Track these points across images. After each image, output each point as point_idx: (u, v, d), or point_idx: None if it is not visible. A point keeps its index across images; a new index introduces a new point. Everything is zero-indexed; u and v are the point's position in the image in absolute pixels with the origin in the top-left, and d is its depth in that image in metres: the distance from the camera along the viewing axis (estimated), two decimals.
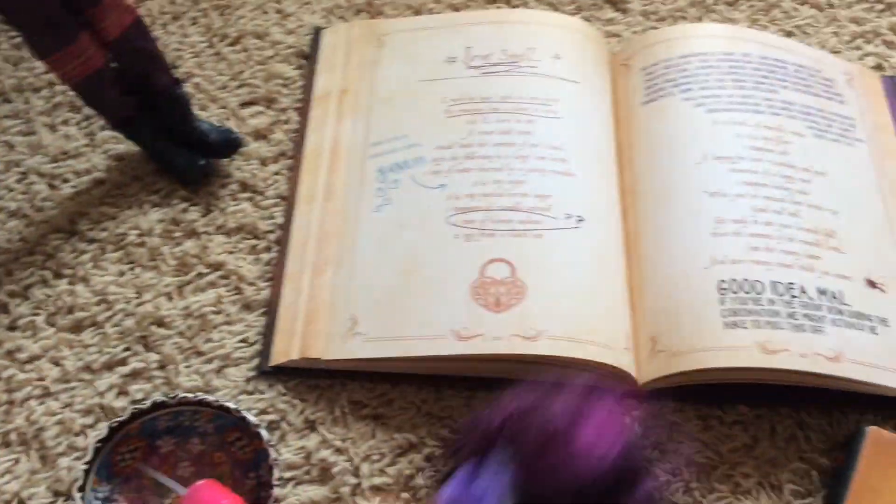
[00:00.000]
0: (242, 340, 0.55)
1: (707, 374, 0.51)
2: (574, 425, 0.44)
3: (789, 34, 0.73)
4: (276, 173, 0.62)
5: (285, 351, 0.54)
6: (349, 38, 0.69)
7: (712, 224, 0.56)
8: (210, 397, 0.49)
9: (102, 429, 0.48)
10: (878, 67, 0.71)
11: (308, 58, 0.69)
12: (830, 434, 0.52)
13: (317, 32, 0.70)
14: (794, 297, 0.53)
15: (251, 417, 0.48)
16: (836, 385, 0.52)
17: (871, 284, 0.55)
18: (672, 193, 0.58)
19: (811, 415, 0.53)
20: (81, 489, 0.46)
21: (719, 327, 0.52)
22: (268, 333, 0.55)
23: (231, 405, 0.49)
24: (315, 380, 0.53)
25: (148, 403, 0.48)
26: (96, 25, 0.55)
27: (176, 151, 0.60)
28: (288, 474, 0.50)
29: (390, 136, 0.62)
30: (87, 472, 0.46)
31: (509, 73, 0.64)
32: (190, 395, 0.49)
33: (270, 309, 0.56)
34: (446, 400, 0.53)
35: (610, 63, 0.68)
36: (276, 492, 0.46)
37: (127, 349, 0.54)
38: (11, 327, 0.55)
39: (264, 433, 0.48)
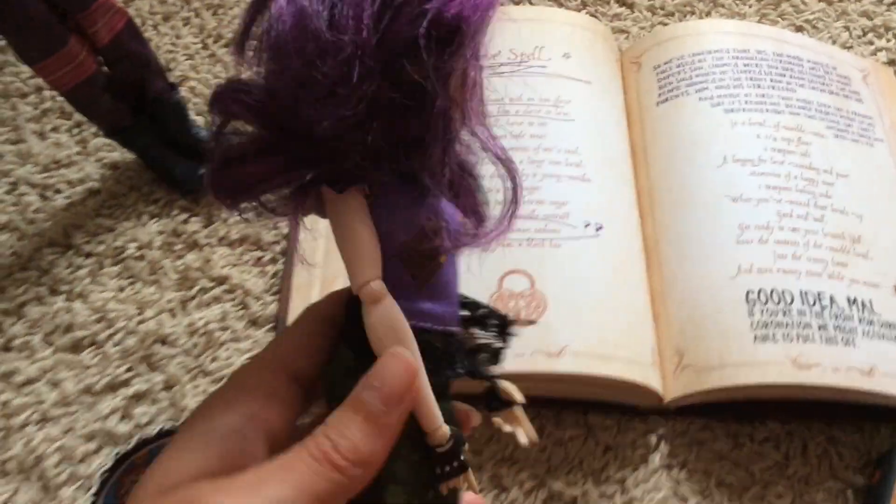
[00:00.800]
0: (251, 359, 0.52)
1: (737, 391, 0.49)
2: None
3: (799, 29, 0.71)
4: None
5: None
6: None
7: (736, 230, 0.54)
8: None
9: (107, 458, 0.45)
10: (892, 63, 0.69)
11: None
12: (864, 450, 0.51)
13: None
14: (824, 307, 0.51)
15: None
16: (869, 399, 0.50)
17: None
18: (692, 198, 0.56)
19: (844, 430, 0.51)
20: None
21: (749, 341, 0.50)
22: None
23: None
24: None
25: (154, 431, 0.46)
26: (86, 30, 0.52)
27: (174, 160, 0.57)
28: None
29: None
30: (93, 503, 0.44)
31: (518, 73, 0.62)
32: None
33: (279, 324, 0.53)
34: None
35: (619, 61, 0.66)
36: None
37: (129, 369, 0.51)
38: (6, 348, 0.52)
39: None
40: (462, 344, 0.30)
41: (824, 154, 0.59)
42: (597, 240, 0.54)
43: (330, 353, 0.27)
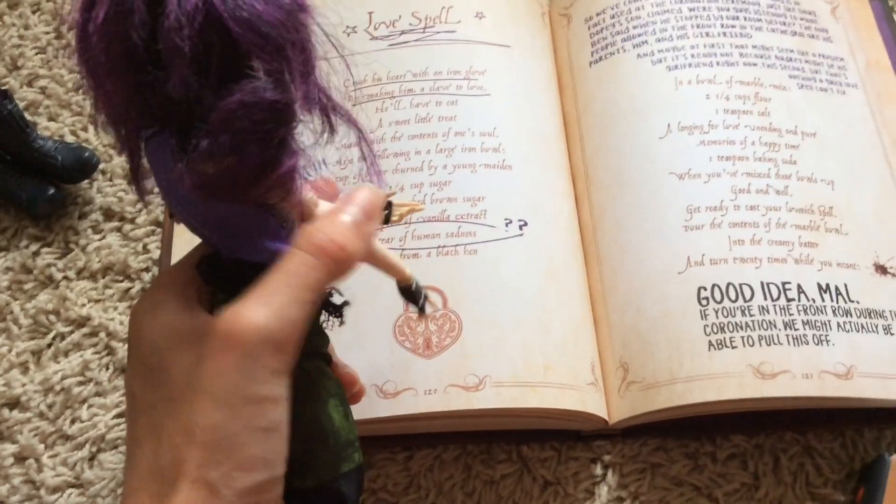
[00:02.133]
0: (119, 415, 0.44)
1: (691, 409, 0.41)
2: None
3: None
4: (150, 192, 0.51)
5: None
6: None
7: (684, 214, 0.46)
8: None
9: None
10: None
11: None
12: (845, 460, 0.43)
13: None
14: (790, 300, 0.43)
15: None
16: (848, 404, 0.42)
17: (882, 270, 0.45)
18: (632, 177, 0.48)
19: (820, 439, 0.44)
20: None
21: (703, 349, 0.42)
22: None
23: None
24: None
25: None
26: None
27: (18, 181, 0.48)
28: None
29: None
30: None
31: (422, 41, 0.52)
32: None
33: None
34: (377, 467, 0.43)
35: (547, 15, 0.56)
36: None
37: None
38: None
39: None
40: None
41: (787, 110, 0.50)
42: (521, 240, 0.45)
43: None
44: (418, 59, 0.52)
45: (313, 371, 0.32)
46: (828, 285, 0.44)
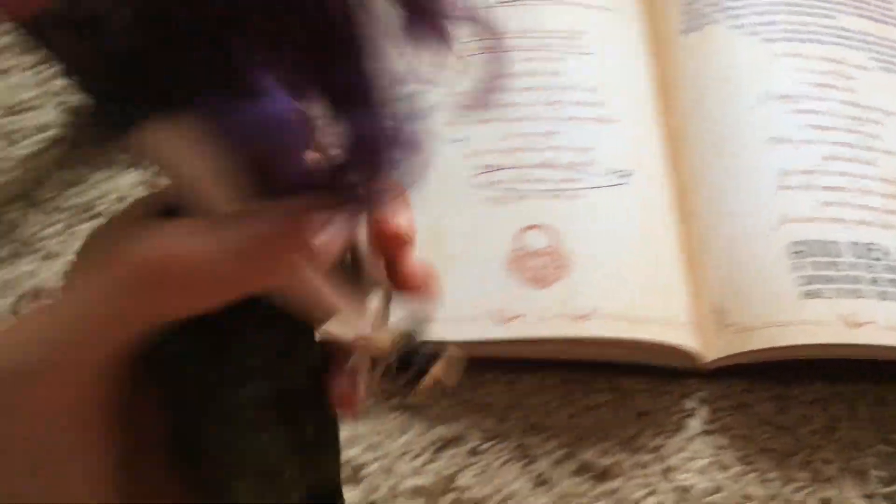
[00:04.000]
0: None
1: (783, 352, 0.45)
2: None
3: None
4: None
5: None
6: None
7: (777, 176, 0.49)
8: None
9: None
10: None
11: None
12: None
13: None
14: (876, 259, 0.46)
15: None
16: None
17: None
18: (728, 141, 0.51)
19: (893, 390, 0.47)
20: None
21: (795, 297, 0.45)
22: None
23: None
24: None
25: None
26: None
27: None
28: None
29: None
30: None
31: (527, 1, 0.56)
32: None
33: None
34: (486, 386, 0.47)
35: None
36: None
37: None
38: None
39: None
40: None
41: (871, 89, 0.53)
42: (625, 188, 0.49)
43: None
44: (524, 18, 0.55)
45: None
46: None
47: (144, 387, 0.23)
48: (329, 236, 0.22)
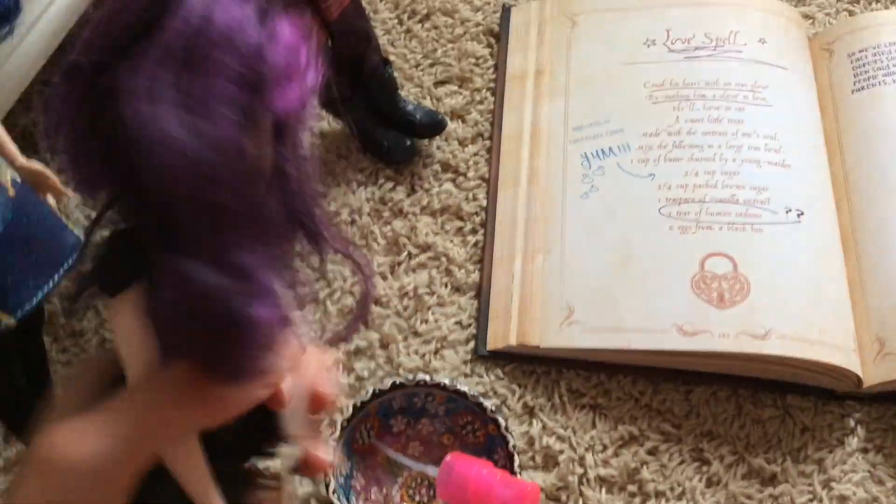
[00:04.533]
0: (457, 323, 0.55)
1: None
2: None
3: None
4: (476, 154, 0.62)
5: (502, 336, 0.54)
6: (541, 18, 0.68)
7: None
8: (445, 380, 0.50)
9: (346, 406, 0.49)
10: None
11: (498, 37, 0.68)
12: None
13: (506, 10, 0.69)
14: None
15: (487, 403, 0.49)
16: None
17: None
18: (891, 186, 0.56)
19: None
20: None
21: None
22: (481, 317, 0.55)
23: (466, 389, 0.49)
24: (530, 365, 0.54)
25: (388, 384, 0.49)
26: (319, 4, 0.55)
27: (384, 132, 0.61)
28: None
29: (592, 120, 0.61)
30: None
31: (713, 57, 0.63)
32: (426, 377, 0.50)
33: (482, 293, 0.56)
34: (663, 393, 0.53)
35: (808, 48, 0.66)
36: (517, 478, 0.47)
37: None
38: None
39: (501, 420, 0.48)
40: None
41: None
42: (798, 226, 0.55)
43: None
44: (710, 71, 0.62)
45: None
46: None
47: None
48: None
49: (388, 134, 0.61)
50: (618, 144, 0.60)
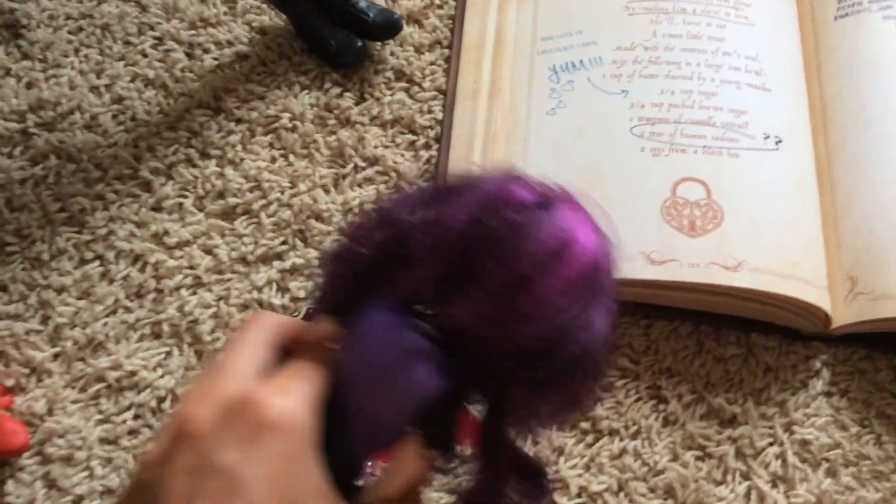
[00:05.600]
0: None
1: None
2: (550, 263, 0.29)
3: None
4: (433, 63, 0.57)
5: None
6: None
7: None
8: None
9: None
10: None
11: None
12: None
13: None
14: None
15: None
16: None
17: None
18: (869, 120, 0.53)
19: None
20: None
21: None
22: None
23: None
24: None
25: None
26: None
27: (332, 30, 0.54)
28: None
29: (563, 31, 0.56)
30: None
31: None
32: None
33: None
34: (622, 327, 0.50)
35: None
36: None
37: (284, 243, 0.50)
38: (156, 208, 0.51)
39: None
40: None
41: None
42: (776, 154, 0.51)
43: None
44: None
45: None
46: None
47: None
48: None
49: (336, 33, 0.54)
50: (589, 58, 0.55)
